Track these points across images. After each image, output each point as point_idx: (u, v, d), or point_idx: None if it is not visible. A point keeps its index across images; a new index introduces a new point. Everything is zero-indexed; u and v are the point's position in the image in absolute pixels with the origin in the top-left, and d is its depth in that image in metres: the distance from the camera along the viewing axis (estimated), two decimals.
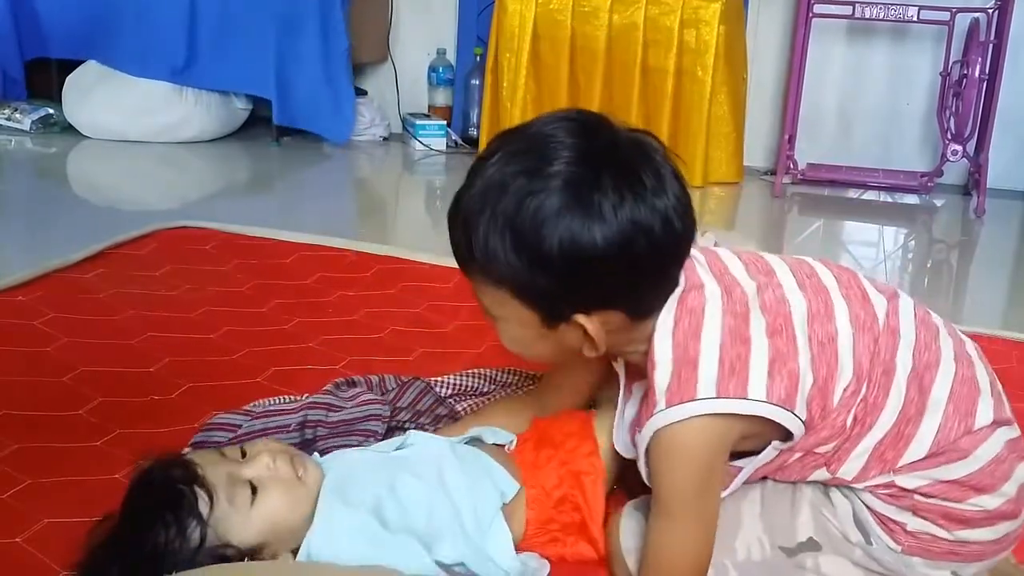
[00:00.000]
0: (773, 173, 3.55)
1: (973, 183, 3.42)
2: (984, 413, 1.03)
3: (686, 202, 0.97)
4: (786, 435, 1.02)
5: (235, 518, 1.05)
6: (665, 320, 1.01)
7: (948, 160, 3.34)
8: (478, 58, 3.85)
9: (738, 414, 0.97)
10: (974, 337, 1.64)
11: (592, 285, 0.96)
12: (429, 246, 2.57)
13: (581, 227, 0.92)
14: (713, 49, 3.39)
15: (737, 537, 1.11)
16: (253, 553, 1.05)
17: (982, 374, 1.06)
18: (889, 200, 3.51)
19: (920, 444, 1.02)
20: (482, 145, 3.73)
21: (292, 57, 3.59)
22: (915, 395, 1.02)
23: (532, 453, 1.25)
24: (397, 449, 1.25)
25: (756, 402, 0.97)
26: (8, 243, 2.39)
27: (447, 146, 3.90)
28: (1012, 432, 1.05)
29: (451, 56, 4.05)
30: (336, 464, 1.20)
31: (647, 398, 1.02)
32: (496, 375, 1.65)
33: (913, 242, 3.14)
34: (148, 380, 1.66)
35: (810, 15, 3.38)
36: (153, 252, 2.33)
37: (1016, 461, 1.04)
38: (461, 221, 0.99)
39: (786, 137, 3.44)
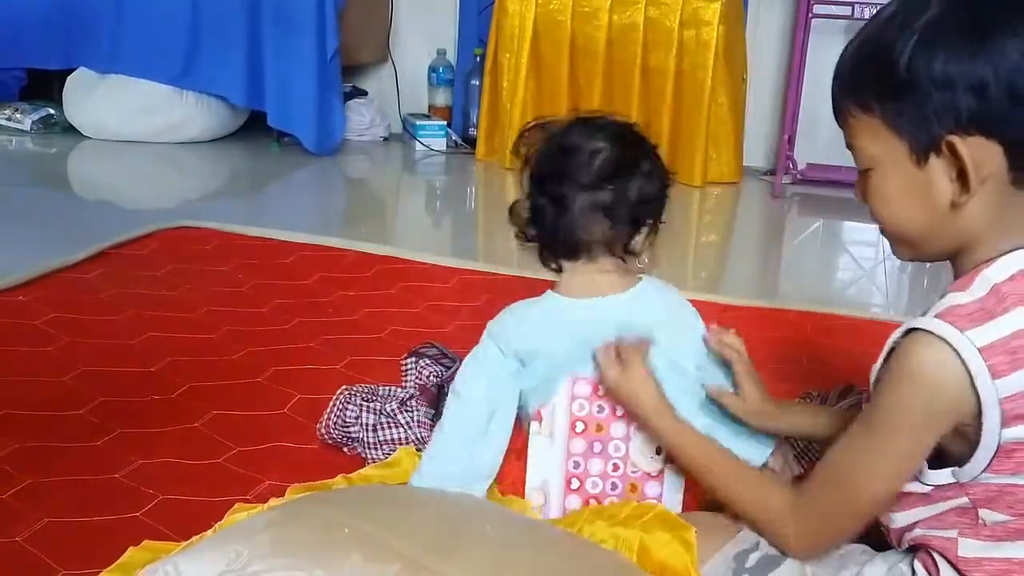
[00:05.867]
0: (772, 173, 3.55)
1: None
2: None
3: None
4: (966, 452, 0.94)
5: None
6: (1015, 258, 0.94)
7: None
8: (478, 58, 3.85)
9: (972, 385, 0.90)
10: None
11: (967, 97, 0.90)
12: (429, 246, 2.58)
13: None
14: (712, 49, 3.39)
15: None
16: None
17: None
18: None
19: None
20: (481, 146, 3.73)
21: (273, 66, 3.53)
22: None
23: None
24: None
25: (994, 390, 0.90)
26: (9, 243, 2.39)
27: (447, 146, 3.90)
28: None
29: (451, 56, 4.05)
30: None
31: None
32: None
33: None
34: (149, 380, 1.67)
35: (810, 15, 3.39)
36: (154, 252, 2.33)
37: None
38: (847, 57, 0.99)
39: (786, 137, 3.44)
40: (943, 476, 0.97)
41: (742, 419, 1.23)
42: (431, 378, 1.53)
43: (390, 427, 1.42)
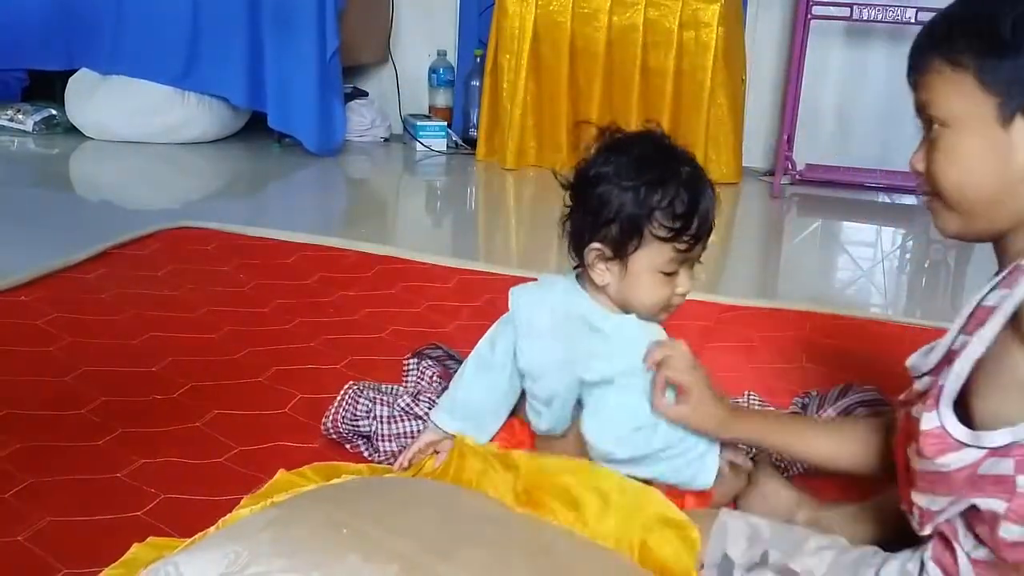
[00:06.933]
0: (771, 174, 3.56)
1: None
2: None
3: None
4: None
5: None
6: None
7: None
8: (478, 59, 3.86)
9: None
10: None
11: None
12: (429, 246, 2.59)
13: None
14: (712, 50, 3.40)
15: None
16: None
17: None
18: (887, 201, 3.52)
19: None
20: (481, 146, 3.74)
21: (274, 67, 3.53)
22: None
23: None
24: None
25: None
26: (11, 243, 2.39)
27: (447, 147, 3.91)
28: None
29: (452, 57, 4.06)
30: None
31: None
32: None
33: (911, 242, 3.14)
34: (150, 380, 1.67)
35: (809, 16, 3.39)
36: (155, 252, 2.34)
37: None
38: (942, 14, 0.99)
39: (785, 138, 3.45)
40: (1002, 436, 0.93)
41: (695, 431, 1.21)
42: (434, 379, 1.54)
43: (403, 419, 1.42)
